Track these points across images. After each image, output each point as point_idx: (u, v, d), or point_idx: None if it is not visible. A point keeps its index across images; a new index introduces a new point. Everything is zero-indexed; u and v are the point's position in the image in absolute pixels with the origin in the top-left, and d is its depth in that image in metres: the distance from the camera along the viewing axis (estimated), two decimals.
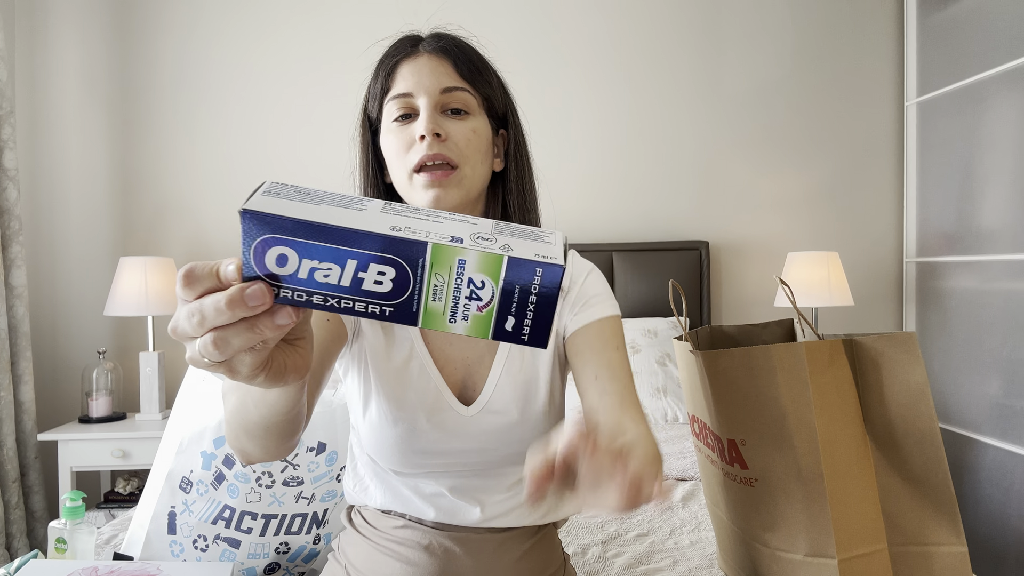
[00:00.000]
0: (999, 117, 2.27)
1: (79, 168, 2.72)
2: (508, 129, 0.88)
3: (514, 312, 0.45)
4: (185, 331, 0.42)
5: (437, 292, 0.44)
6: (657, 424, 2.23)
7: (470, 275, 0.44)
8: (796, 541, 0.89)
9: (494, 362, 0.88)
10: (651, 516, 1.47)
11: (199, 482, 0.96)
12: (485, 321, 0.45)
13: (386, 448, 0.85)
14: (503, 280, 0.44)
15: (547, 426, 0.88)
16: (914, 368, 0.85)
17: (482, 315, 0.45)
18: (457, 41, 0.85)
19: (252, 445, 0.65)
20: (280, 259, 0.42)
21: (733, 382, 0.91)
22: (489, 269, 0.44)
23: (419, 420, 0.84)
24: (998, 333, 2.27)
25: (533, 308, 0.45)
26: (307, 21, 2.74)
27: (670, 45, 2.78)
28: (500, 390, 0.86)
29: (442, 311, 0.45)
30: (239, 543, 0.96)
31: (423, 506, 0.88)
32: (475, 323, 0.45)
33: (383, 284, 0.43)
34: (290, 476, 0.95)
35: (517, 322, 0.46)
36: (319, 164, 2.73)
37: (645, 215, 2.77)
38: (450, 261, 0.43)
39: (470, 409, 0.86)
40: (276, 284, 0.43)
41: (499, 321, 0.46)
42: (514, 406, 0.86)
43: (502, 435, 0.86)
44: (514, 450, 0.87)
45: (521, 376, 0.87)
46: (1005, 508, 2.25)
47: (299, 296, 0.43)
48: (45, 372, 2.70)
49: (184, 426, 0.98)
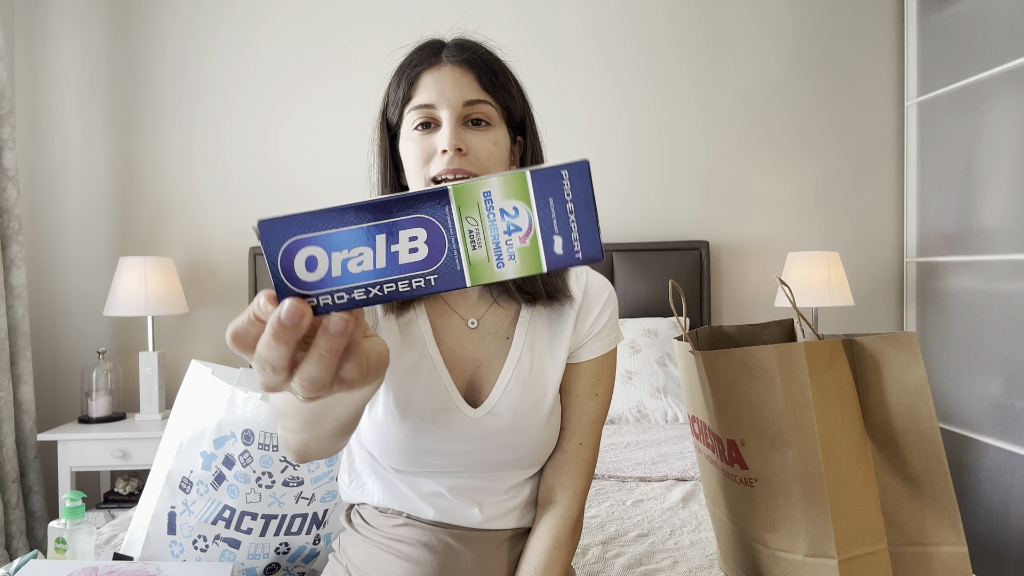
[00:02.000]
0: (999, 117, 2.27)
1: (79, 168, 2.72)
2: (525, 136, 0.89)
3: (558, 229, 0.42)
4: (273, 384, 0.40)
5: (475, 238, 0.42)
6: (657, 424, 2.23)
7: (500, 206, 0.41)
8: (796, 541, 0.89)
9: (504, 364, 0.88)
10: (652, 516, 1.47)
11: (199, 482, 0.96)
12: (533, 252, 0.42)
13: (390, 446, 0.85)
14: (534, 198, 0.42)
15: (548, 435, 0.89)
16: (914, 368, 0.85)
17: (527, 246, 0.42)
18: (481, 52, 0.84)
19: (321, 443, 0.65)
20: (309, 262, 0.40)
21: (733, 382, 0.91)
22: (517, 192, 0.41)
23: (425, 419, 0.84)
24: (998, 333, 2.27)
25: (575, 217, 0.42)
26: (307, 21, 2.74)
27: (671, 45, 2.78)
28: (508, 394, 0.87)
29: (486, 258, 0.42)
30: (239, 543, 0.96)
31: (422, 505, 0.88)
32: (524, 259, 0.42)
33: (418, 251, 0.41)
34: (290, 476, 0.95)
35: (565, 240, 0.43)
36: (319, 164, 2.73)
37: (645, 215, 2.77)
38: (476, 198, 0.41)
39: (477, 411, 0.86)
40: (312, 294, 0.41)
41: (547, 246, 0.42)
42: (521, 410, 0.87)
43: (506, 438, 0.87)
44: (516, 454, 0.88)
45: (530, 380, 0.88)
46: (1005, 508, 2.24)
47: (340, 298, 0.41)
48: (45, 372, 2.70)
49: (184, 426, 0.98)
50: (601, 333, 0.91)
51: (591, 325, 0.90)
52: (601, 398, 0.91)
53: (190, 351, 2.74)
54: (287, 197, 2.73)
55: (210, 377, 0.98)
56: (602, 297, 0.91)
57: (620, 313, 2.63)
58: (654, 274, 2.62)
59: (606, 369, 0.91)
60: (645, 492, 1.62)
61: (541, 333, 0.89)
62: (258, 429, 0.93)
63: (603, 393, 0.91)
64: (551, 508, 0.89)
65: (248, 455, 0.93)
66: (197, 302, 2.72)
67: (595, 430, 0.90)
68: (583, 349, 0.90)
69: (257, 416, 0.93)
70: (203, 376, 0.99)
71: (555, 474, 0.90)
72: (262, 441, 0.93)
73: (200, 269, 2.74)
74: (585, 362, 0.90)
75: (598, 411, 0.91)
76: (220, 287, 2.74)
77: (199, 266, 2.74)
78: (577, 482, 0.89)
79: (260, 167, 2.74)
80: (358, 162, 2.62)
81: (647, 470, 1.75)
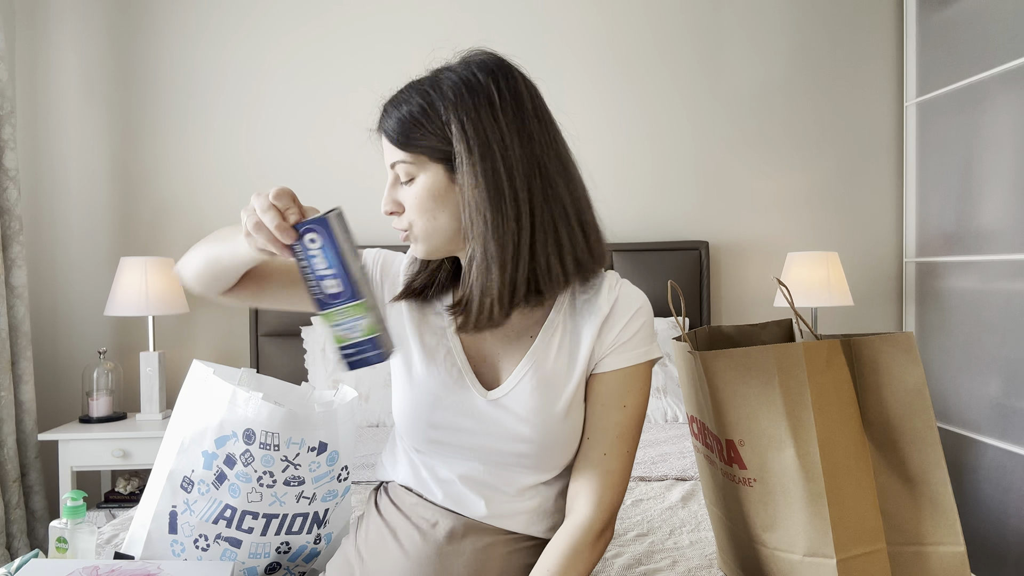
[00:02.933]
0: (999, 117, 2.28)
1: (79, 168, 2.72)
2: (460, 172, 0.82)
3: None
4: (257, 208, 0.76)
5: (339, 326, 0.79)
6: (657, 424, 2.24)
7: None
8: (795, 541, 0.89)
9: (522, 360, 0.91)
10: (651, 516, 1.47)
11: (200, 481, 0.96)
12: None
13: (408, 419, 0.92)
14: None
15: (560, 438, 0.89)
16: (912, 368, 0.86)
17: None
18: (392, 111, 0.86)
19: (202, 279, 0.93)
20: (312, 239, 0.76)
21: (732, 382, 0.91)
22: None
23: (440, 394, 0.90)
24: (997, 333, 2.28)
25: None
26: (308, 21, 2.74)
27: (670, 45, 2.78)
28: (521, 386, 0.89)
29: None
30: (240, 543, 0.97)
31: (434, 488, 0.93)
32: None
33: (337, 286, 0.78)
34: (291, 476, 0.95)
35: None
36: (319, 164, 2.73)
37: (645, 215, 2.78)
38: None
39: (490, 394, 0.90)
40: (298, 243, 0.77)
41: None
42: (531, 404, 0.88)
43: (512, 430, 0.89)
44: (525, 449, 0.89)
45: (546, 379, 0.89)
46: (1005, 508, 2.25)
47: (298, 251, 0.77)
48: (46, 372, 2.70)
49: (185, 426, 0.98)
50: (628, 344, 0.90)
51: (616, 336, 0.90)
52: (630, 411, 0.90)
53: (191, 351, 2.74)
54: None
55: (211, 377, 0.98)
56: (631, 309, 0.91)
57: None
58: (654, 274, 2.62)
59: (635, 382, 0.90)
60: (645, 492, 1.62)
61: (564, 338, 0.91)
62: (259, 429, 0.93)
63: (632, 406, 0.90)
64: (571, 516, 0.88)
65: (250, 455, 0.94)
66: (198, 302, 2.73)
67: (623, 442, 0.89)
68: (608, 359, 0.90)
69: (259, 415, 0.93)
70: (204, 376, 0.99)
71: (578, 483, 0.89)
72: (263, 441, 0.94)
73: None
74: (610, 372, 0.90)
75: (625, 424, 0.89)
76: None
77: None
78: (602, 493, 0.87)
79: (261, 167, 2.74)
80: (357, 163, 2.62)
81: (647, 470, 1.76)
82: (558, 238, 0.85)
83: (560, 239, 0.85)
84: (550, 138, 0.87)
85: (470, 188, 0.81)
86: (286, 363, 2.59)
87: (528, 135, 0.84)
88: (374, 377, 2.33)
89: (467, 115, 0.81)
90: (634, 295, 0.93)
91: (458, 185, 0.83)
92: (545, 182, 0.84)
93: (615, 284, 0.92)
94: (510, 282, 0.83)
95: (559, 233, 0.85)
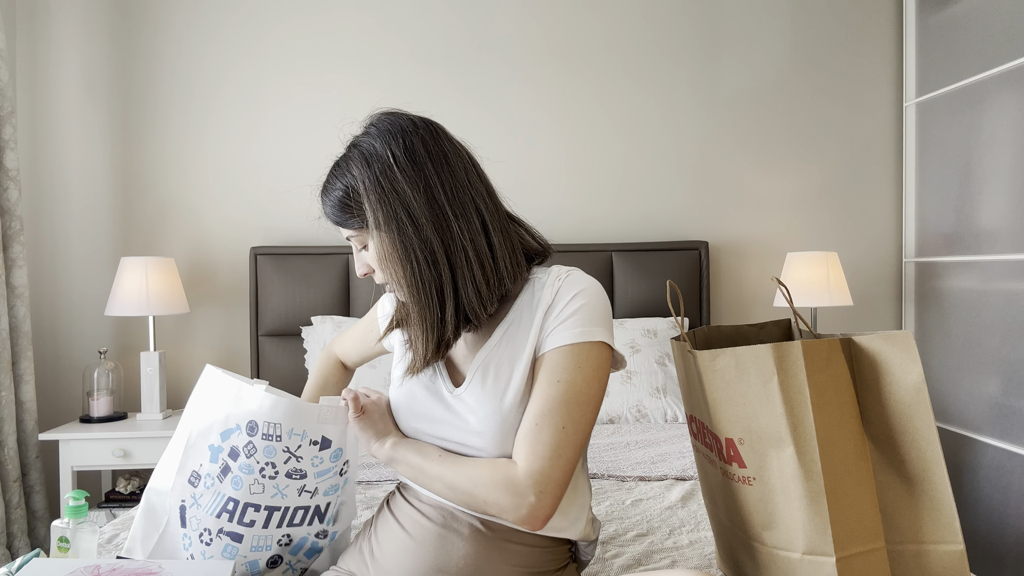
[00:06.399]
0: (998, 117, 2.28)
1: (80, 168, 2.72)
2: (380, 231, 0.93)
3: None
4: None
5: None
6: (656, 424, 2.24)
7: None
8: (794, 539, 0.89)
9: (479, 352, 0.97)
10: (651, 516, 1.47)
11: (207, 475, 0.98)
12: None
13: (399, 412, 1.02)
14: None
15: (512, 428, 0.92)
16: (912, 367, 0.86)
17: None
18: (325, 199, 0.98)
19: None
20: None
21: (730, 381, 0.92)
22: None
23: (418, 393, 1.00)
24: (997, 333, 2.28)
25: None
26: (308, 22, 2.74)
27: (669, 45, 2.79)
28: (474, 382, 0.95)
29: None
30: (242, 537, 0.97)
31: None
32: None
33: None
34: (293, 468, 0.97)
35: None
36: (319, 164, 2.73)
37: (645, 215, 2.78)
38: None
39: (455, 392, 0.97)
40: None
41: None
42: (481, 399, 0.94)
43: (469, 423, 0.94)
44: (478, 444, 0.93)
45: (498, 369, 0.95)
46: (1004, 508, 2.25)
47: None
48: (46, 372, 2.71)
49: (194, 422, 1.02)
50: (564, 324, 0.92)
51: (554, 318, 0.93)
52: (563, 386, 0.90)
53: (191, 351, 2.75)
54: (287, 198, 2.74)
55: (221, 376, 1.02)
56: (570, 293, 0.94)
57: (620, 313, 2.63)
58: (653, 274, 2.62)
59: (570, 362, 0.91)
60: (644, 492, 1.62)
61: (514, 333, 0.96)
62: (262, 419, 0.95)
63: (565, 382, 0.90)
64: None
65: (252, 446, 0.95)
66: (198, 302, 2.73)
67: (554, 416, 0.89)
68: (547, 341, 0.93)
69: (261, 407, 0.96)
70: (215, 376, 1.03)
71: (515, 447, 0.91)
72: (266, 431, 0.95)
73: (201, 269, 2.74)
74: (548, 352, 0.92)
75: (556, 398, 0.89)
76: (221, 287, 2.75)
77: (200, 266, 2.74)
78: (531, 461, 0.88)
79: (261, 167, 2.75)
80: None
81: (646, 470, 1.76)
82: (474, 272, 0.92)
83: (475, 271, 0.92)
84: (448, 175, 0.94)
85: (389, 251, 0.92)
86: (286, 363, 2.59)
87: (426, 184, 0.92)
88: (374, 377, 2.33)
89: (373, 188, 0.91)
90: (578, 281, 0.96)
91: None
92: (453, 222, 0.92)
93: (563, 275, 0.97)
94: (439, 323, 0.93)
95: (474, 267, 0.92)
